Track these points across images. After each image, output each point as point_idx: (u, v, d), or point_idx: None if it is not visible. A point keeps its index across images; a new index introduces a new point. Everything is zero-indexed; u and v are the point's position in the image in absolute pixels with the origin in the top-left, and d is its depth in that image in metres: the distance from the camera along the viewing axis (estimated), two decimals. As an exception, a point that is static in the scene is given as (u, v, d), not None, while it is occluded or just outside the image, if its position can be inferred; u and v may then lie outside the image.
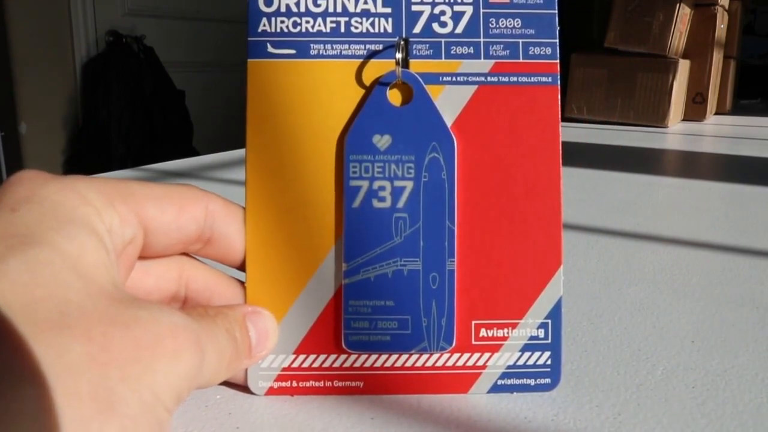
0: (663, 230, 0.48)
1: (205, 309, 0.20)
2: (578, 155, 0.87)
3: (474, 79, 0.23)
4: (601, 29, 1.36)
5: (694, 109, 1.37)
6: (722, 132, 1.23)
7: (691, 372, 0.25)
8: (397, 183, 0.23)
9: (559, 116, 0.23)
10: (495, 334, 0.23)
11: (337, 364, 0.23)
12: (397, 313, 0.23)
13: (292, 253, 0.23)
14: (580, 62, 1.28)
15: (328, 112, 0.23)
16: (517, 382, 0.23)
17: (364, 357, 0.23)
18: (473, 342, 0.23)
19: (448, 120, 0.23)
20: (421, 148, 0.23)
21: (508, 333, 0.23)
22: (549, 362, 0.23)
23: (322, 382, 0.23)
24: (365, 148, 0.23)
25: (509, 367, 0.23)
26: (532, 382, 0.23)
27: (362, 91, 0.23)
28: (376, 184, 0.23)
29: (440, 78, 0.23)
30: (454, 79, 0.23)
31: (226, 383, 0.24)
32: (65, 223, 0.17)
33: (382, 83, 0.23)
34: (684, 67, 1.27)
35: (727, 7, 1.44)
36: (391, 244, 0.23)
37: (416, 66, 0.23)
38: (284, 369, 0.23)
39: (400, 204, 0.23)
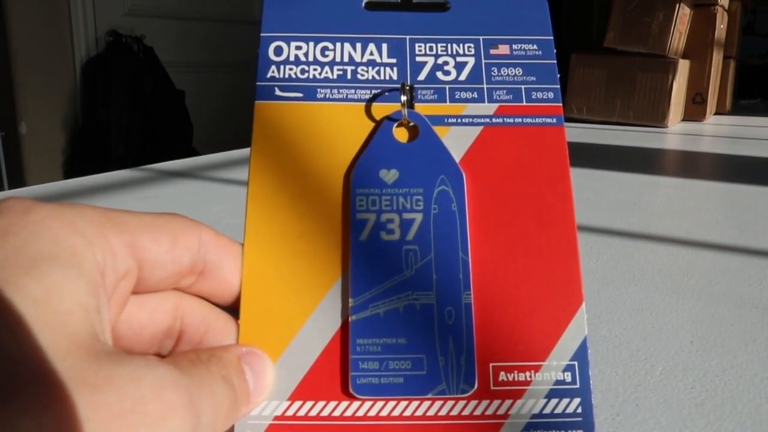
0: (662, 230, 0.48)
1: (197, 354, 0.18)
2: (578, 155, 0.87)
3: (479, 120, 0.23)
4: (601, 29, 1.36)
5: (694, 109, 1.37)
6: (722, 132, 1.23)
7: (690, 372, 0.25)
8: (406, 215, 0.22)
9: (567, 154, 0.23)
10: (516, 378, 0.21)
11: (337, 413, 0.20)
12: (411, 352, 0.21)
13: (291, 288, 0.21)
14: (580, 62, 1.28)
15: (333, 150, 0.23)
16: None
17: (369, 404, 0.20)
18: (492, 387, 0.21)
19: (456, 157, 0.23)
20: (429, 182, 0.22)
21: (530, 377, 0.21)
22: (579, 410, 0.20)
23: None
24: (372, 182, 0.22)
25: (534, 416, 0.20)
26: None
27: (367, 132, 0.23)
28: (384, 217, 0.22)
29: (445, 119, 0.23)
30: (459, 120, 0.23)
31: None
32: (39, 260, 0.15)
33: (389, 119, 0.23)
34: (684, 67, 1.27)
35: (727, 7, 1.44)
36: (402, 277, 0.21)
37: (421, 109, 0.23)
38: (276, 418, 0.20)
39: (410, 236, 0.22)
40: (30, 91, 2.24)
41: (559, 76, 0.24)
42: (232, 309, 0.22)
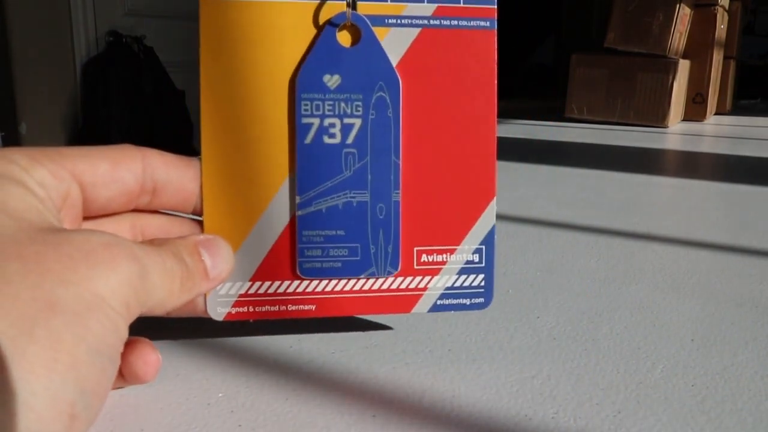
0: (663, 230, 0.48)
1: (152, 241, 0.21)
2: (578, 155, 0.87)
3: (418, 21, 0.25)
4: (601, 29, 1.36)
5: (694, 109, 1.37)
6: (722, 132, 1.23)
7: (691, 370, 0.25)
8: (347, 120, 0.24)
9: (496, 58, 0.25)
10: (435, 259, 0.25)
11: (290, 290, 0.24)
12: (348, 242, 0.24)
13: (247, 186, 0.24)
14: (580, 62, 1.28)
15: (279, 53, 0.24)
16: (455, 302, 0.25)
17: (315, 282, 0.25)
18: (415, 266, 0.25)
19: (394, 60, 0.24)
20: (368, 88, 0.24)
21: (446, 258, 0.25)
22: (483, 283, 0.25)
23: (277, 307, 0.24)
24: (316, 86, 0.24)
25: (447, 288, 0.25)
26: (467, 301, 0.25)
27: (312, 34, 0.24)
28: (327, 122, 0.24)
29: (386, 20, 0.25)
30: (399, 21, 0.25)
31: (196, 320, 0.25)
32: None
33: (331, 24, 0.24)
34: (684, 67, 1.27)
35: (727, 7, 1.44)
36: (341, 177, 0.24)
37: (364, 8, 0.24)
38: (241, 295, 0.24)
39: (350, 140, 0.24)
40: (30, 92, 2.24)
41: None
42: (199, 216, 0.24)
